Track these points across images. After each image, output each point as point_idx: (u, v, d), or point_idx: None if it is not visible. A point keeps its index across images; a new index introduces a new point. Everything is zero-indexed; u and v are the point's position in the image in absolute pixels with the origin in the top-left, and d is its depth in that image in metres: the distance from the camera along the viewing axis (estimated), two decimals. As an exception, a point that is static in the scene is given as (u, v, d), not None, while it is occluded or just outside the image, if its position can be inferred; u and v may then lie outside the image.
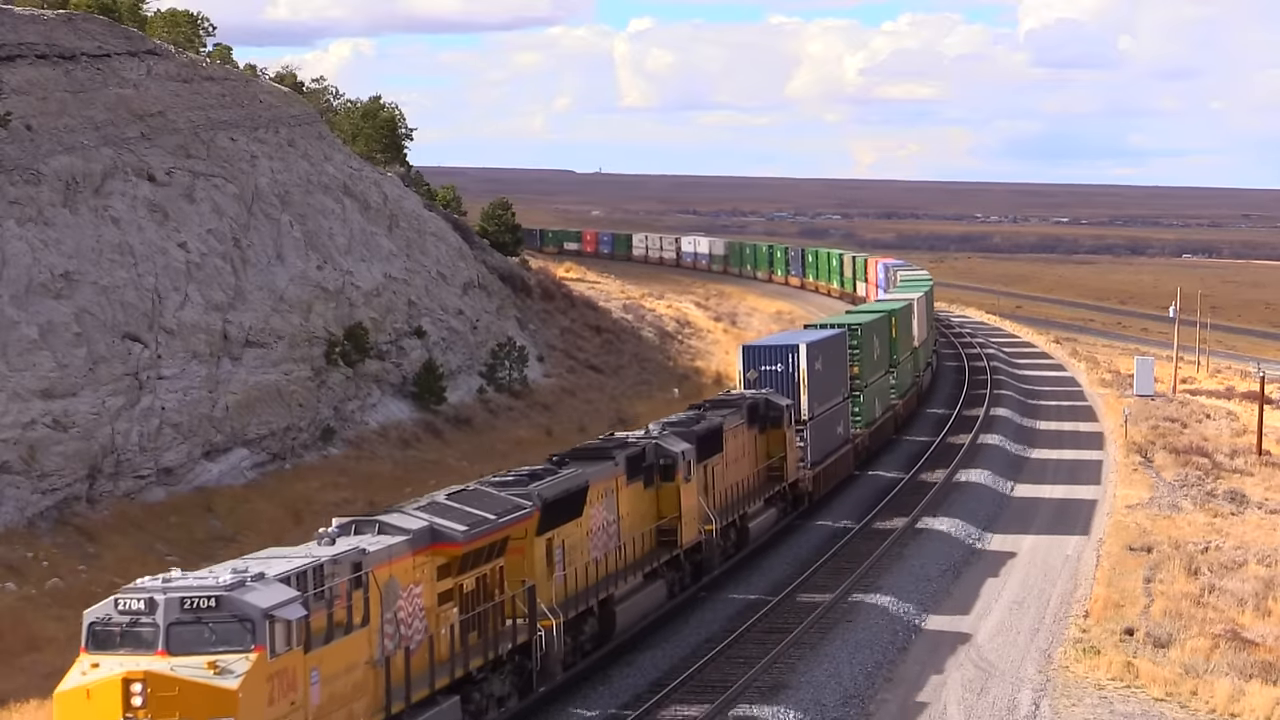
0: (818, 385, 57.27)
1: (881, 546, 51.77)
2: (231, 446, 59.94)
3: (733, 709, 35.11)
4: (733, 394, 54.49)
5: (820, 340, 59.72)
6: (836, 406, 60.98)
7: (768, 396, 53.41)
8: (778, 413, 53.37)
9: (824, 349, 59.14)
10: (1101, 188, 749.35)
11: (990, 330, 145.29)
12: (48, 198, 57.85)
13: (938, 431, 78.32)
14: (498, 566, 33.19)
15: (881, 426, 70.98)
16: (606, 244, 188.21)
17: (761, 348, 57.84)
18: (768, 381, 55.74)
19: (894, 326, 75.21)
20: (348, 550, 28.42)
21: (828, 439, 59.35)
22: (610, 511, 39.63)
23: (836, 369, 61.58)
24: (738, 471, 49.54)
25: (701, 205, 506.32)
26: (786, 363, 56.16)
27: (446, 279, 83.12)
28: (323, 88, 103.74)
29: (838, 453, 61.01)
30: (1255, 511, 61.55)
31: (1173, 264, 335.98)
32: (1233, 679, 37.62)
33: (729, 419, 49.12)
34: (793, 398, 55.52)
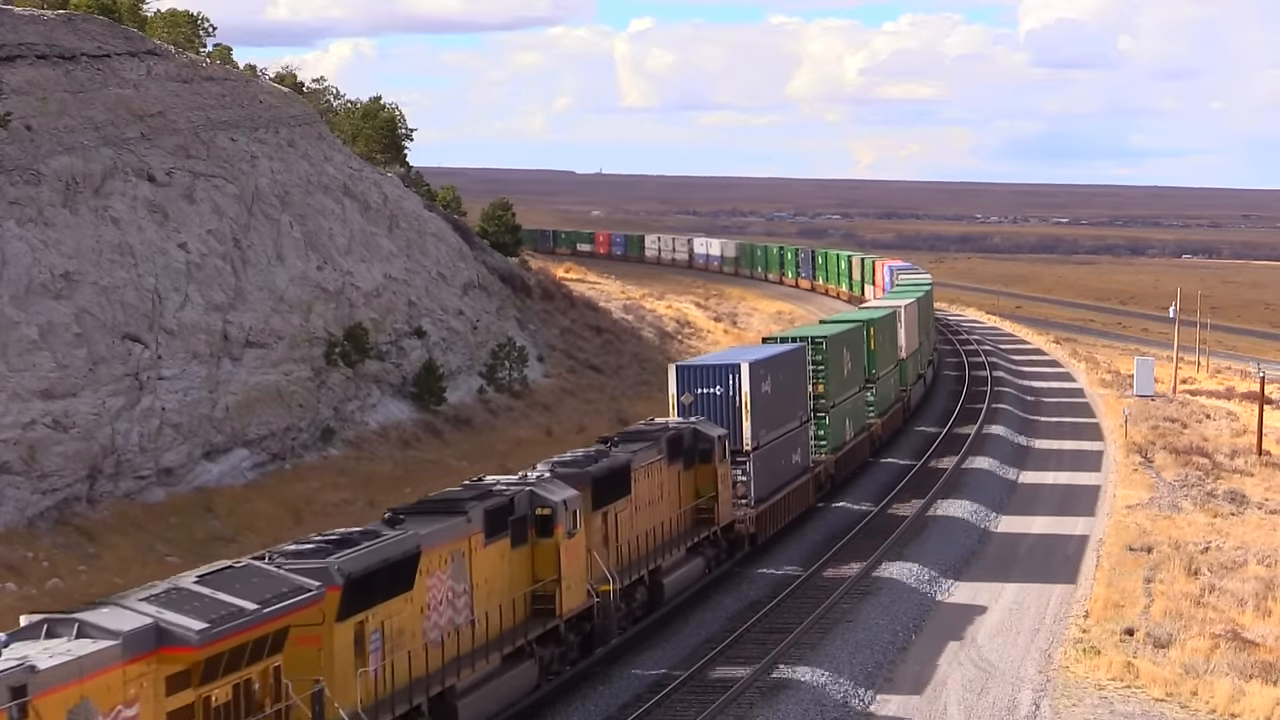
0: (765, 409, 50.44)
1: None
2: (231, 447, 59.94)
3: None
4: (655, 423, 46.65)
5: (770, 358, 52.34)
6: (791, 432, 54.10)
7: (696, 426, 46.47)
8: (708, 445, 46.34)
9: (775, 367, 52.11)
10: (1101, 188, 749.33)
11: (991, 331, 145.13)
12: (48, 198, 57.85)
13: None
14: (270, 667, 25.86)
15: (853, 450, 64.27)
16: (619, 245, 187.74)
17: (697, 368, 49.96)
18: (704, 407, 48.78)
19: (871, 338, 68.71)
20: (5, 670, 21.18)
21: (778, 470, 52.35)
22: (459, 580, 31.98)
23: (792, 389, 54.77)
24: (652, 516, 42.33)
25: (701, 205, 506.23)
26: (726, 385, 48.92)
27: (446, 279, 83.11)
28: (323, 88, 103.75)
29: (791, 485, 53.93)
30: (1255, 511, 61.55)
31: (1173, 264, 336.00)
32: (1233, 679, 37.62)
33: (641, 455, 42.10)
34: (733, 425, 48.71)
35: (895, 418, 75.82)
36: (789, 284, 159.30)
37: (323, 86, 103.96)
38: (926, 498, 60.13)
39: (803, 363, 56.81)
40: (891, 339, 75.00)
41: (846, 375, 62.37)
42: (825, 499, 59.67)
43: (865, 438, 66.83)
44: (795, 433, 54.61)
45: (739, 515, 48.85)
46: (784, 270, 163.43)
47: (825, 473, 59.40)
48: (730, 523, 48.34)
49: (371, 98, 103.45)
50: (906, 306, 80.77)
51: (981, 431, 77.27)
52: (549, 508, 35.75)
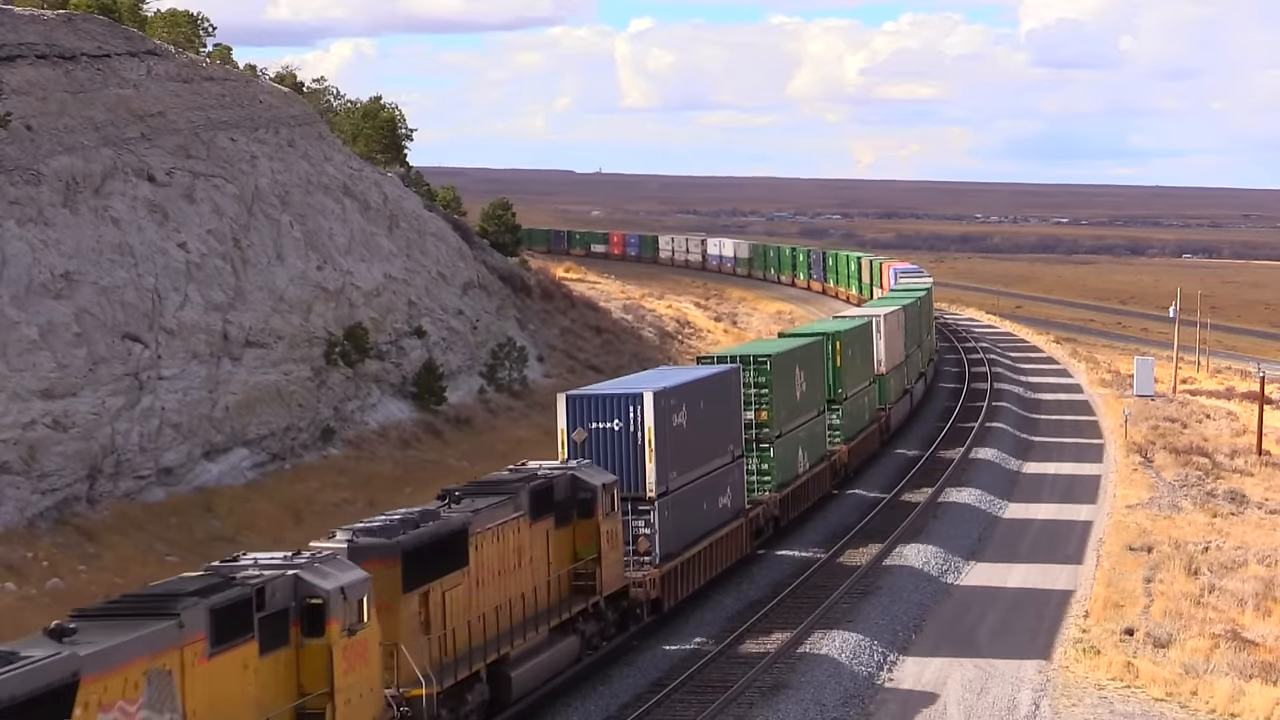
0: (679, 445, 42.51)
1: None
2: (231, 446, 59.95)
3: None
4: (523, 470, 38.26)
5: (686, 384, 44.11)
6: (718, 471, 46.07)
7: (575, 473, 38.04)
8: (589, 495, 37.91)
9: (693, 395, 44.09)
10: (1101, 188, 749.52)
11: (990, 331, 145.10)
12: (48, 198, 57.86)
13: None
14: None
15: (808, 485, 56.50)
16: (634, 246, 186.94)
17: (590, 399, 41.41)
18: (600, 445, 40.85)
19: (836, 354, 61.32)
20: None
21: (696, 518, 44.09)
22: (165, 710, 23.96)
23: (720, 419, 46.75)
24: (502, 590, 34.05)
25: (701, 205, 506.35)
26: (627, 418, 40.76)
27: (446, 279, 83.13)
28: (323, 88, 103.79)
29: (715, 534, 45.60)
30: (1255, 511, 61.56)
31: (1173, 264, 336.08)
32: (1233, 679, 37.62)
33: (487, 513, 33.89)
34: (633, 467, 40.81)
35: (869, 441, 68.47)
36: (800, 286, 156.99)
37: (323, 86, 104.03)
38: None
39: (734, 388, 48.54)
40: (865, 353, 67.88)
41: (800, 398, 54.96)
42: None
43: (825, 468, 59.19)
44: (723, 471, 46.52)
45: (636, 577, 40.37)
46: (795, 272, 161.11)
47: (766, 515, 51.24)
48: (623, 588, 39.83)
49: (371, 98, 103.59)
50: (886, 315, 73.53)
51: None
52: (319, 597, 26.98)
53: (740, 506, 48.41)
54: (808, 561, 50.36)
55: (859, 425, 65.54)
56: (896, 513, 57.79)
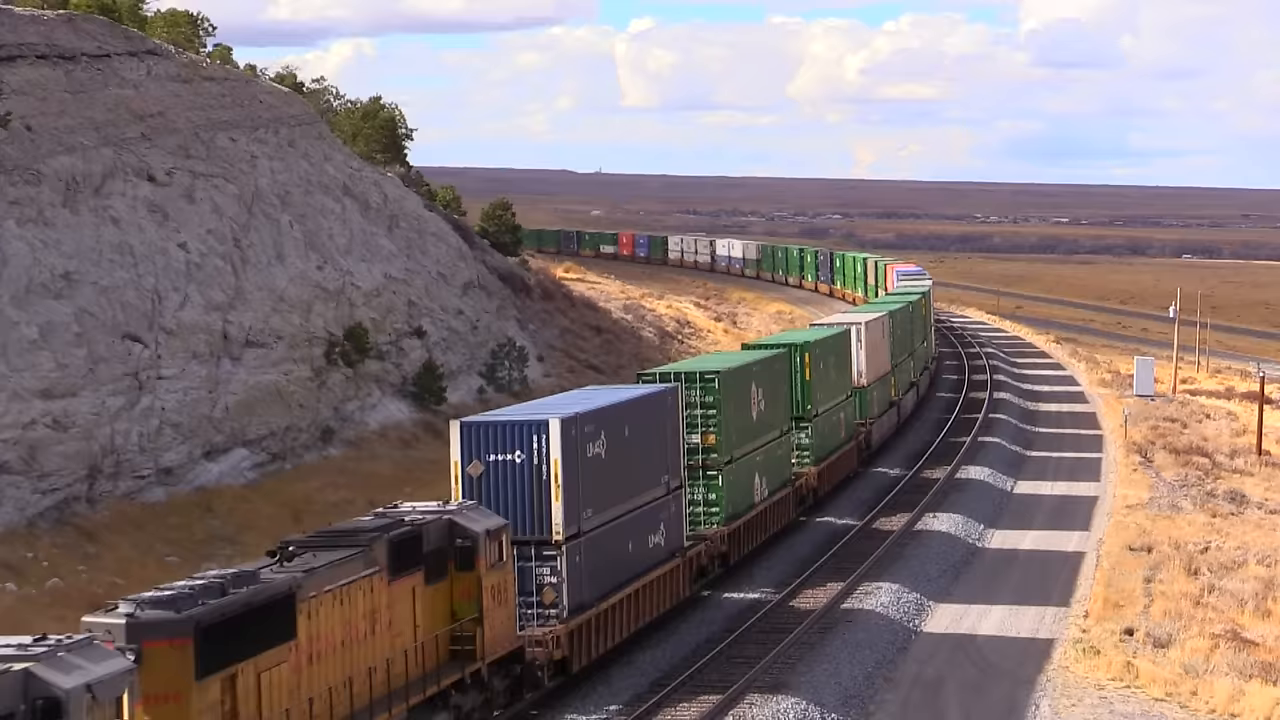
0: (597, 479, 37.05)
1: None
2: (231, 446, 59.96)
3: None
4: (390, 514, 32.56)
5: (607, 408, 38.69)
6: (649, 506, 40.46)
7: (453, 517, 32.24)
8: (468, 543, 32.13)
9: (616, 420, 38.67)
10: (1101, 188, 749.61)
11: (991, 333, 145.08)
12: (48, 198, 57.87)
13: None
14: None
15: (766, 514, 51.06)
16: (643, 247, 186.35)
17: (488, 426, 35.77)
18: (498, 480, 35.32)
19: (805, 367, 56.31)
20: None
21: (618, 562, 38.63)
22: None
23: (652, 447, 41.10)
24: (344, 665, 28.49)
25: (701, 205, 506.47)
26: (529, 448, 35.22)
27: (446, 279, 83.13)
28: (323, 88, 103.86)
29: (644, 578, 39.98)
30: (1255, 511, 61.58)
31: (1173, 264, 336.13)
32: (1233, 679, 37.63)
33: (327, 572, 28.23)
34: (538, 505, 35.29)
35: (846, 461, 63.11)
36: (808, 288, 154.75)
37: (323, 86, 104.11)
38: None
39: (670, 410, 42.65)
40: (841, 365, 62.63)
41: (757, 418, 49.79)
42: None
43: (789, 495, 53.85)
44: (656, 506, 40.94)
45: (537, 635, 34.68)
46: (803, 274, 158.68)
47: (711, 551, 45.74)
48: (516, 649, 34.05)
49: (371, 98, 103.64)
50: (868, 323, 68.27)
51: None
52: (54, 698, 21.01)
53: (677, 545, 42.40)
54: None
55: (833, 444, 60.19)
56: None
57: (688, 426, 44.99)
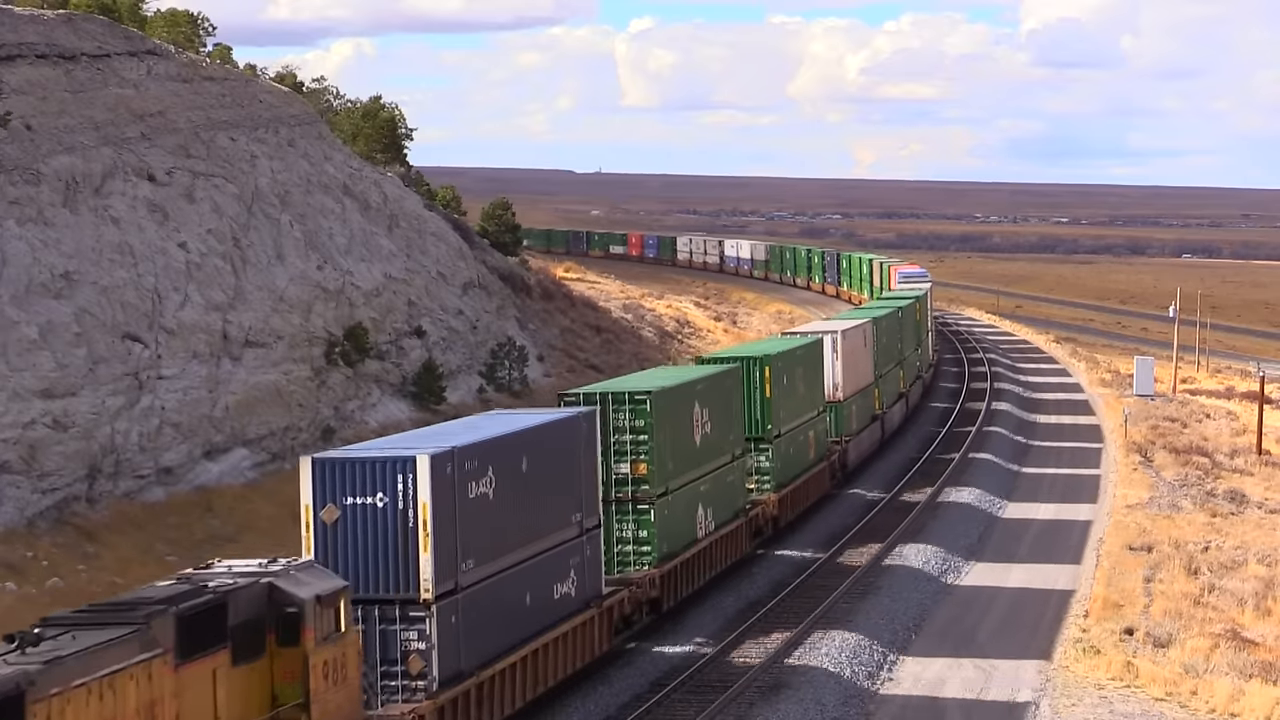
0: (482, 523, 31.62)
1: None
2: (231, 446, 59.96)
3: None
4: (197, 576, 26.72)
5: (497, 440, 33.06)
6: (552, 552, 34.94)
7: (275, 581, 26.68)
8: (293, 611, 26.55)
9: (508, 453, 33.18)
10: (1101, 188, 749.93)
11: (991, 334, 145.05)
12: (48, 198, 57.87)
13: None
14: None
15: (712, 550, 45.50)
16: (652, 247, 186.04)
17: (343, 463, 30.24)
18: (357, 527, 29.91)
19: (765, 382, 51.09)
20: None
21: (509, 620, 32.97)
22: None
23: (559, 481, 35.46)
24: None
25: (701, 205, 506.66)
26: (393, 490, 29.84)
27: (446, 279, 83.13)
28: (323, 88, 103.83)
29: (546, 635, 34.40)
30: (1255, 511, 61.59)
31: (1173, 264, 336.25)
32: (1233, 679, 37.63)
33: (80, 661, 22.35)
34: (400, 558, 29.77)
35: (815, 484, 57.73)
36: (815, 289, 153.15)
37: (323, 86, 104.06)
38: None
39: (586, 437, 37.07)
40: (812, 379, 57.43)
41: (701, 443, 44.46)
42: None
43: (741, 526, 48.36)
44: (564, 550, 35.58)
45: (395, 714, 29.34)
46: (811, 274, 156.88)
47: (639, 599, 40.18)
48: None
49: (371, 97, 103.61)
50: (846, 332, 63.33)
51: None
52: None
53: (593, 593, 36.99)
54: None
55: (799, 466, 54.85)
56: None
57: (615, 454, 40.29)
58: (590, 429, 37.21)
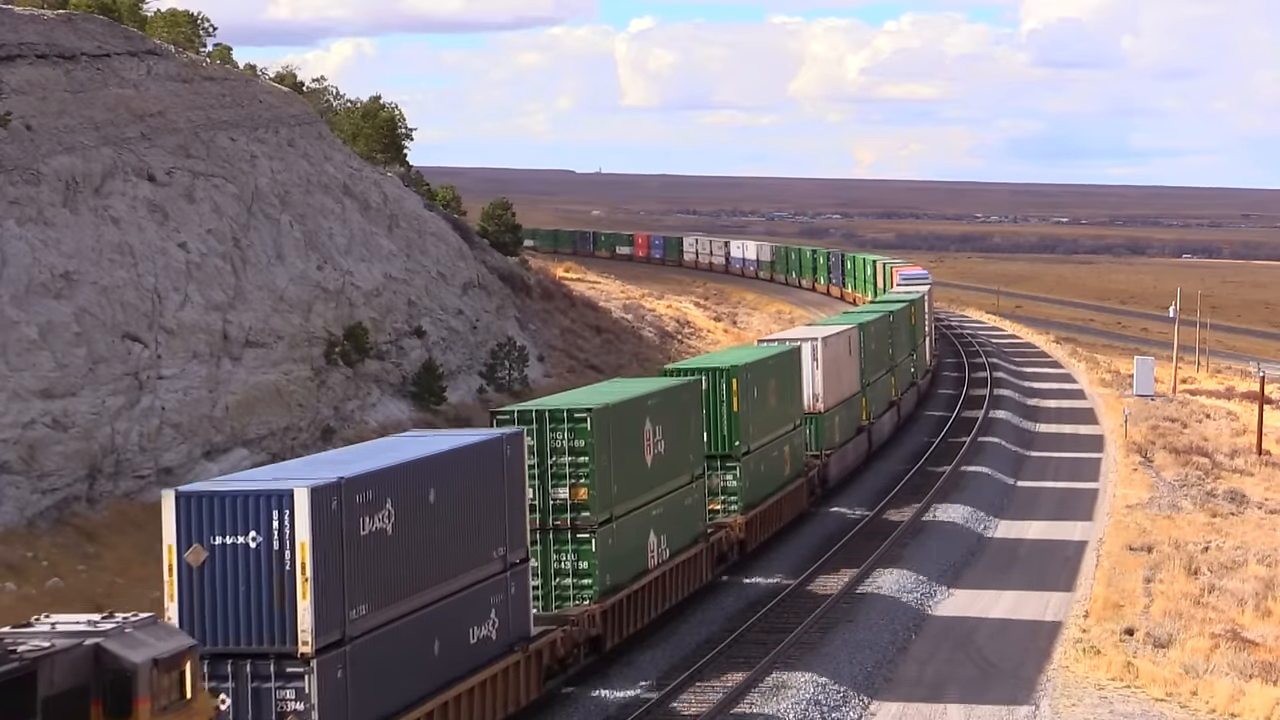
0: (378, 563, 28.09)
1: None
2: (231, 446, 59.96)
3: None
4: (4, 640, 22.77)
5: (400, 467, 29.36)
6: (467, 592, 31.15)
7: (104, 642, 23.26)
8: (123, 679, 23.08)
9: (412, 481, 29.51)
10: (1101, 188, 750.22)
11: (992, 334, 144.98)
12: (48, 198, 57.87)
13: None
14: None
15: (665, 580, 41.63)
16: (658, 248, 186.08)
17: (211, 497, 26.98)
18: (226, 571, 26.56)
19: (733, 396, 47.73)
20: None
21: (414, 672, 29.48)
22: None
23: (477, 511, 31.71)
24: None
25: (701, 205, 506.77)
26: (267, 528, 26.50)
27: (446, 279, 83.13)
28: (323, 88, 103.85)
29: (461, 685, 30.82)
30: (1255, 511, 61.60)
31: (1173, 264, 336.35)
32: (1233, 679, 37.63)
33: None
34: (275, 605, 26.47)
35: (791, 502, 53.95)
36: (820, 291, 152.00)
37: (323, 86, 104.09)
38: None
39: (512, 462, 33.35)
40: (788, 390, 53.83)
41: (654, 463, 40.90)
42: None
43: (703, 551, 44.58)
44: (484, 588, 31.92)
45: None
46: (816, 276, 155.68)
47: (576, 638, 36.26)
48: None
49: (371, 97, 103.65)
50: (828, 339, 59.68)
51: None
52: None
53: (520, 635, 33.23)
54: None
55: (772, 485, 51.23)
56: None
57: (553, 478, 36.95)
58: (517, 452, 33.51)
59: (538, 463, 36.55)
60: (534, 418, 37.12)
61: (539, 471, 36.64)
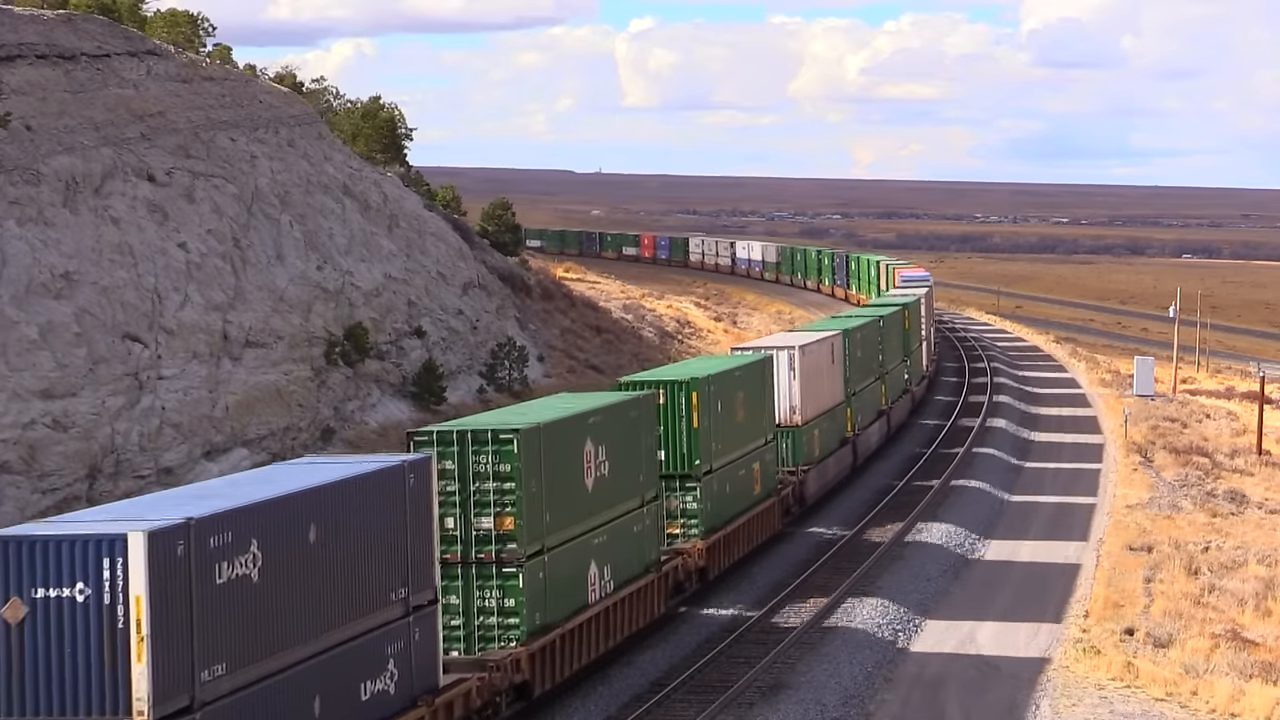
0: (247, 615, 24.50)
1: None
2: (231, 446, 59.97)
3: None
4: None
5: (269, 503, 25.33)
6: (358, 642, 27.26)
7: None
8: None
9: (288, 519, 25.75)
10: (1101, 188, 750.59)
11: (991, 334, 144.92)
12: (48, 198, 57.88)
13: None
14: None
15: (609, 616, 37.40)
16: (664, 249, 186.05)
17: (33, 543, 22.83)
18: (49, 629, 22.63)
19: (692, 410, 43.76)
20: None
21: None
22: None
23: (374, 548, 27.78)
24: None
25: (701, 205, 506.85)
26: (96, 578, 22.68)
27: (446, 279, 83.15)
28: (323, 88, 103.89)
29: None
30: (1255, 511, 61.58)
31: (1173, 264, 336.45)
32: (1233, 679, 37.62)
33: None
34: (104, 670, 22.58)
35: (760, 524, 49.60)
36: (825, 292, 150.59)
37: (323, 86, 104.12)
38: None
39: (416, 491, 29.21)
40: (757, 402, 49.91)
41: (596, 486, 36.75)
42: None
43: (655, 582, 40.43)
44: (379, 637, 28.07)
45: None
46: (821, 277, 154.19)
47: (497, 685, 32.38)
48: None
49: (371, 97, 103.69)
50: (806, 347, 55.84)
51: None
52: None
53: (425, 686, 29.39)
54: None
55: (739, 505, 47.27)
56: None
57: (476, 506, 33.22)
58: (423, 481, 29.45)
59: (459, 489, 33.19)
60: (455, 439, 33.45)
61: (460, 499, 33.22)
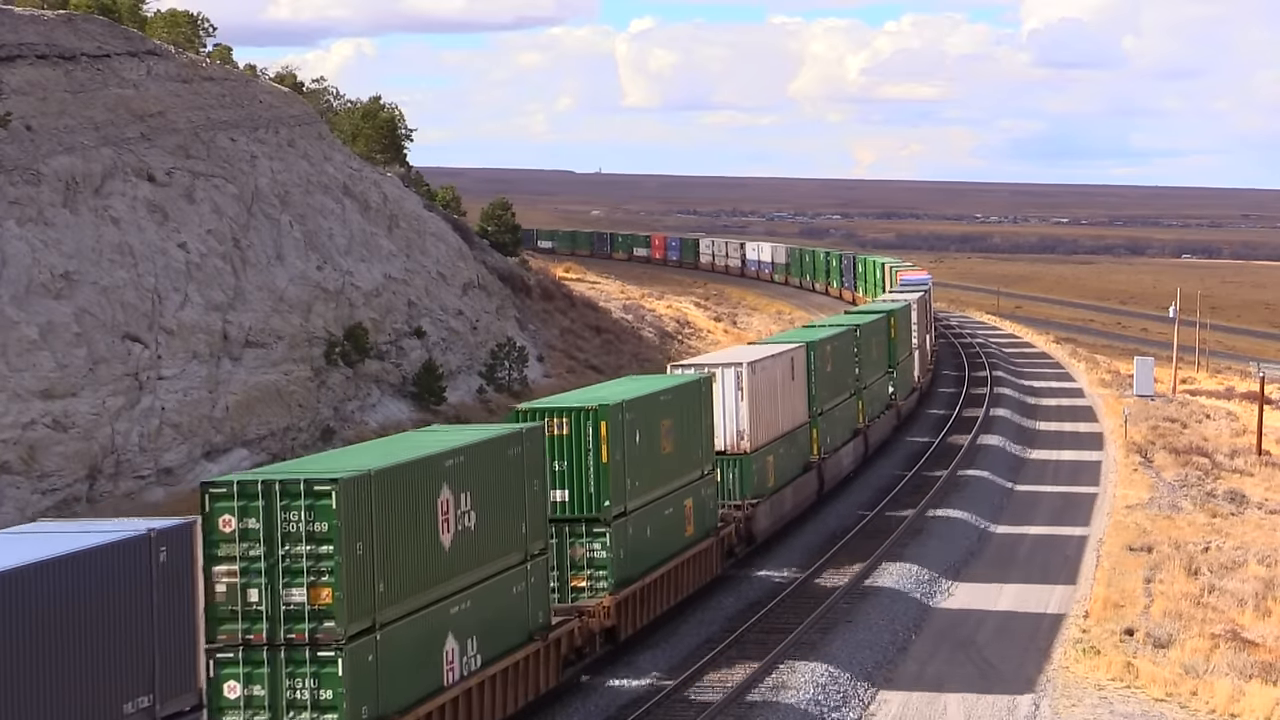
0: None
1: None
2: (231, 446, 59.96)
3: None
4: None
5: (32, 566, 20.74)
6: None
7: None
8: None
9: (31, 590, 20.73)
10: (1101, 188, 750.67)
11: (993, 335, 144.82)
12: (48, 198, 57.88)
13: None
14: None
15: (472, 699, 30.33)
16: (674, 250, 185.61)
17: None
18: None
19: (601, 443, 36.42)
20: None
21: None
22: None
23: (107, 649, 22.13)
24: None
25: (701, 205, 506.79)
26: None
27: (446, 279, 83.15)
28: (323, 88, 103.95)
29: None
30: (1255, 511, 61.55)
31: (1173, 264, 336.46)
32: (1233, 679, 37.60)
33: None
34: None
35: (692, 570, 42.04)
36: (833, 294, 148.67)
37: (323, 86, 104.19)
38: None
39: (170, 572, 23.68)
40: (692, 430, 43.01)
41: (453, 544, 29.66)
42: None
43: (541, 652, 33.31)
44: None
45: None
46: (829, 279, 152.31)
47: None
48: None
49: (371, 98, 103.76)
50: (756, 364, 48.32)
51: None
52: None
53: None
54: None
55: (664, 551, 40.17)
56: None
57: (285, 575, 26.44)
58: (182, 554, 23.88)
59: (265, 553, 26.52)
60: (259, 491, 26.52)
61: (267, 565, 26.54)
